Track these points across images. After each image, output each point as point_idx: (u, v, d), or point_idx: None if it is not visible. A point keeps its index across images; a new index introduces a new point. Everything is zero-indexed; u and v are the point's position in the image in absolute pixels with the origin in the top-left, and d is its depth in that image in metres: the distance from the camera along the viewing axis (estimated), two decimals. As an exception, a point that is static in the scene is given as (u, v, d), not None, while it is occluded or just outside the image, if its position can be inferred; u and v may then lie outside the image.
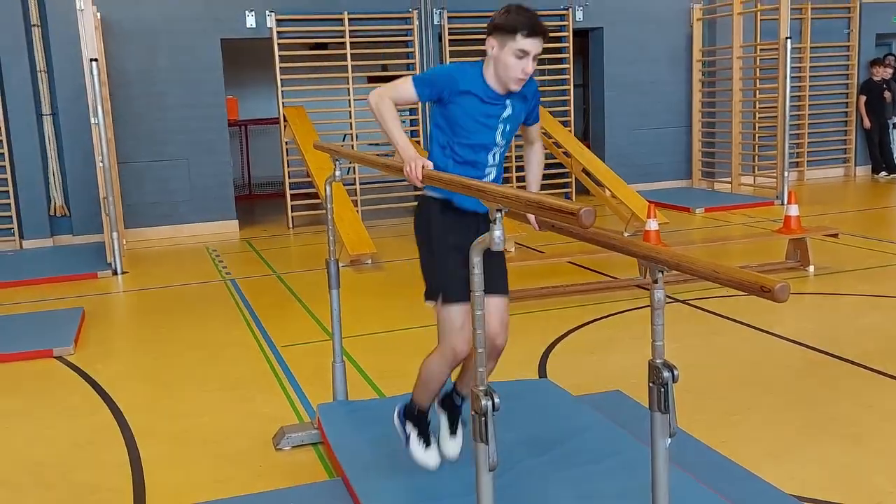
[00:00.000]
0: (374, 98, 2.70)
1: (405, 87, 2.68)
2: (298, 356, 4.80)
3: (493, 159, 2.72)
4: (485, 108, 2.65)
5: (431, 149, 2.78)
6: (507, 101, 2.67)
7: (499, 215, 1.98)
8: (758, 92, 10.48)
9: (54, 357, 4.92)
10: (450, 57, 9.75)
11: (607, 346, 4.84)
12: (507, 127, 2.70)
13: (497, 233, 1.95)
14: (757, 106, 10.48)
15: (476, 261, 2.02)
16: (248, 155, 12.50)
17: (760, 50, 10.45)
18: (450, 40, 9.74)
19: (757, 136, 10.56)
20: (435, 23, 9.79)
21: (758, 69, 10.55)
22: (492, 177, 2.73)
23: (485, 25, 2.67)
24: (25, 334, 5.31)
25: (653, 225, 6.14)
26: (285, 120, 9.28)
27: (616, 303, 5.61)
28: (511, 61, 2.56)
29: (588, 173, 9.11)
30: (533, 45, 2.55)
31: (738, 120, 10.38)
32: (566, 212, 1.66)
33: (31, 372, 4.74)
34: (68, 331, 5.28)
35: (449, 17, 9.74)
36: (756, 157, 10.62)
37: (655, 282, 2.08)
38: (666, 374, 2.00)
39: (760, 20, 10.37)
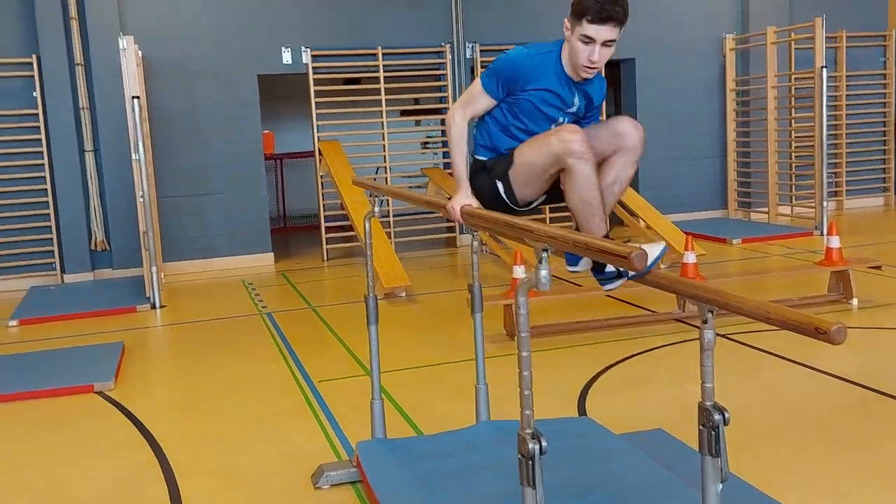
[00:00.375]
0: (448, 118, 2.68)
1: (477, 95, 2.60)
2: (335, 391, 4.80)
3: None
4: (552, 98, 2.54)
5: (486, 122, 2.68)
6: (576, 96, 2.58)
7: (544, 255, 1.97)
8: (793, 121, 10.39)
9: (95, 392, 4.97)
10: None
11: (647, 382, 4.77)
12: (568, 120, 2.61)
13: (543, 272, 1.93)
14: (793, 135, 10.38)
15: (522, 300, 2.01)
16: (284, 188, 12.65)
17: (795, 79, 10.38)
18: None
19: (794, 165, 10.44)
20: (467, 56, 9.87)
21: (793, 98, 10.46)
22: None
23: None
24: (67, 369, 5.37)
25: (690, 258, 6.07)
26: (320, 154, 9.38)
27: (655, 337, 5.54)
28: (579, 46, 2.43)
29: (622, 203, 9.06)
30: (599, 32, 2.39)
31: (773, 149, 10.28)
32: (617, 255, 1.65)
33: (73, 407, 4.79)
34: (109, 365, 5.33)
35: (481, 51, 9.81)
36: (793, 186, 10.50)
37: (705, 322, 2.05)
38: (717, 416, 1.95)
39: (795, 49, 10.31)
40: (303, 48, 9.37)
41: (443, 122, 10.33)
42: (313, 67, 9.41)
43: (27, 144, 8.68)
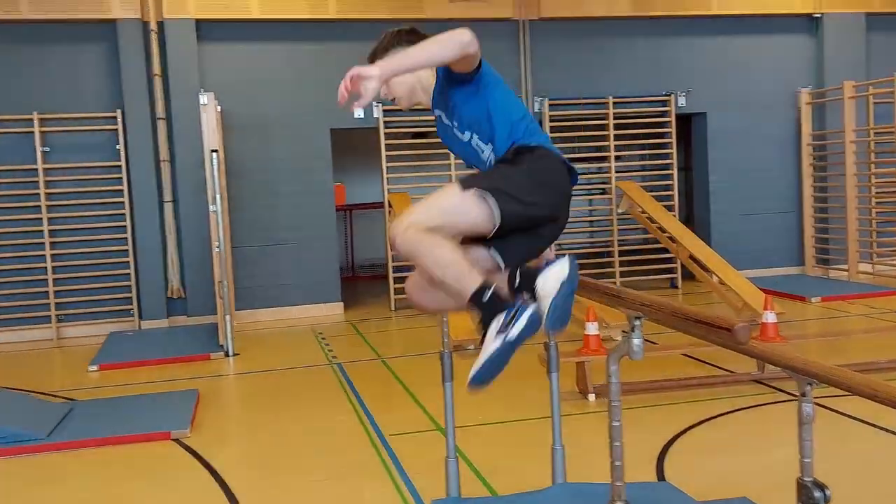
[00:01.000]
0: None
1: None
2: (407, 446, 4.77)
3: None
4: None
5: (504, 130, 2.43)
6: (436, 111, 2.58)
7: (637, 322, 1.94)
8: (873, 176, 10.12)
9: (172, 440, 5.05)
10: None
11: (728, 446, 4.61)
12: (457, 121, 2.51)
13: (636, 341, 1.91)
14: (873, 190, 10.10)
15: (614, 369, 1.98)
16: (352, 238, 12.83)
17: (874, 133, 10.13)
18: (551, 127, 9.85)
19: (874, 221, 10.13)
20: (536, 110, 9.94)
21: (872, 153, 10.20)
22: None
23: (584, 113, 2.65)
24: (144, 416, 5.48)
25: (770, 317, 5.90)
26: (390, 205, 9.51)
27: (735, 398, 5.37)
28: None
29: (695, 259, 8.91)
30: None
31: (853, 205, 10.00)
32: (719, 327, 1.61)
33: (151, 454, 4.87)
34: (185, 413, 5.42)
35: (550, 105, 9.88)
36: (874, 243, 10.17)
37: (803, 395, 1.98)
38: (817, 493, 1.89)
39: (873, 103, 10.09)
40: (374, 104, 9.58)
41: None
42: (384, 122, 9.60)
43: (110, 195, 9.04)
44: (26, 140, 8.79)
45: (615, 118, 9.97)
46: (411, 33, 2.47)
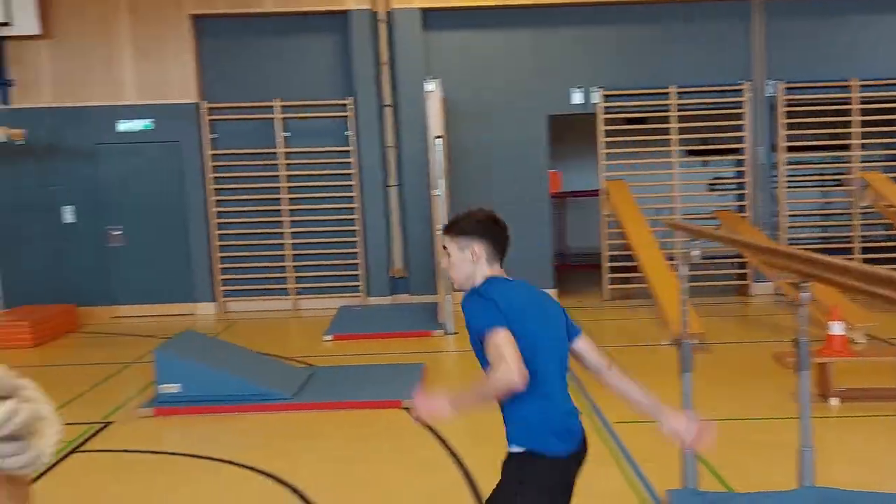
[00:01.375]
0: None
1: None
2: (632, 434, 4.71)
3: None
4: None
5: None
6: None
7: None
8: None
9: (402, 408, 5.33)
10: (786, 129, 9.28)
11: None
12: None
13: None
14: None
15: None
16: (565, 226, 12.81)
17: None
18: (785, 112, 9.27)
19: None
20: (768, 94, 9.39)
21: None
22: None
23: (826, 97, 2.44)
24: (375, 384, 5.84)
25: None
26: (606, 193, 9.39)
27: None
28: None
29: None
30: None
31: None
32: None
33: (383, 420, 5.18)
34: (413, 384, 5.70)
35: (786, 88, 9.28)
36: None
37: None
38: None
39: None
40: (594, 89, 9.48)
41: (737, 162, 9.90)
42: (603, 107, 9.48)
43: (341, 178, 9.64)
44: (268, 126, 9.56)
45: (861, 102, 9.18)
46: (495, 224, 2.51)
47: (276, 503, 3.98)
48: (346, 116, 9.58)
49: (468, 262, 2.44)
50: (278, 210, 9.58)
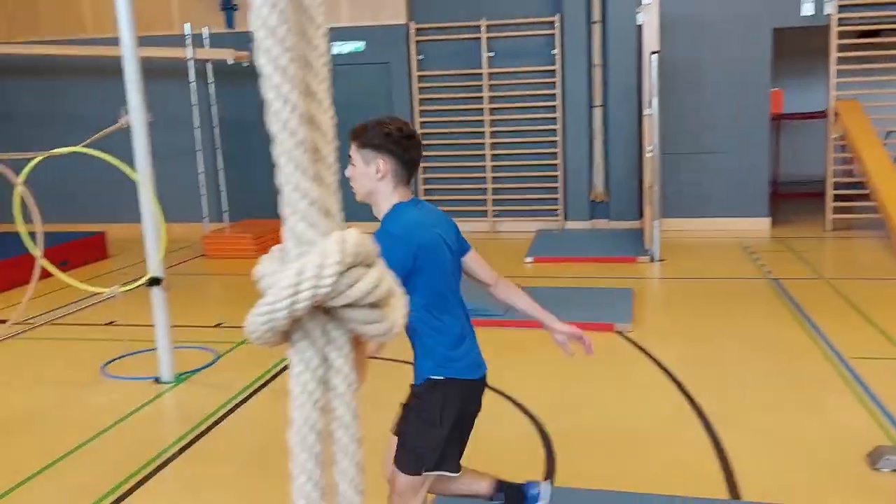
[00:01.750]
0: None
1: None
2: (872, 370, 4.34)
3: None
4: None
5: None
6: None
7: None
8: None
9: (615, 332, 5.22)
10: None
11: None
12: None
13: None
14: None
15: None
16: (779, 150, 11.91)
17: None
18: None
19: None
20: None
21: None
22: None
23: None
24: (585, 307, 5.74)
25: None
26: (836, 115, 8.56)
27: None
28: None
29: None
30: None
31: None
32: None
33: (597, 342, 5.06)
34: (624, 309, 5.56)
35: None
36: None
37: None
38: None
39: None
40: (829, -3, 8.57)
41: None
42: (838, 19, 8.56)
43: (544, 99, 9.43)
44: (475, 45, 9.49)
45: None
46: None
47: (502, 414, 4.03)
48: (552, 34, 9.31)
49: (371, 179, 2.26)
50: (481, 132, 9.56)
